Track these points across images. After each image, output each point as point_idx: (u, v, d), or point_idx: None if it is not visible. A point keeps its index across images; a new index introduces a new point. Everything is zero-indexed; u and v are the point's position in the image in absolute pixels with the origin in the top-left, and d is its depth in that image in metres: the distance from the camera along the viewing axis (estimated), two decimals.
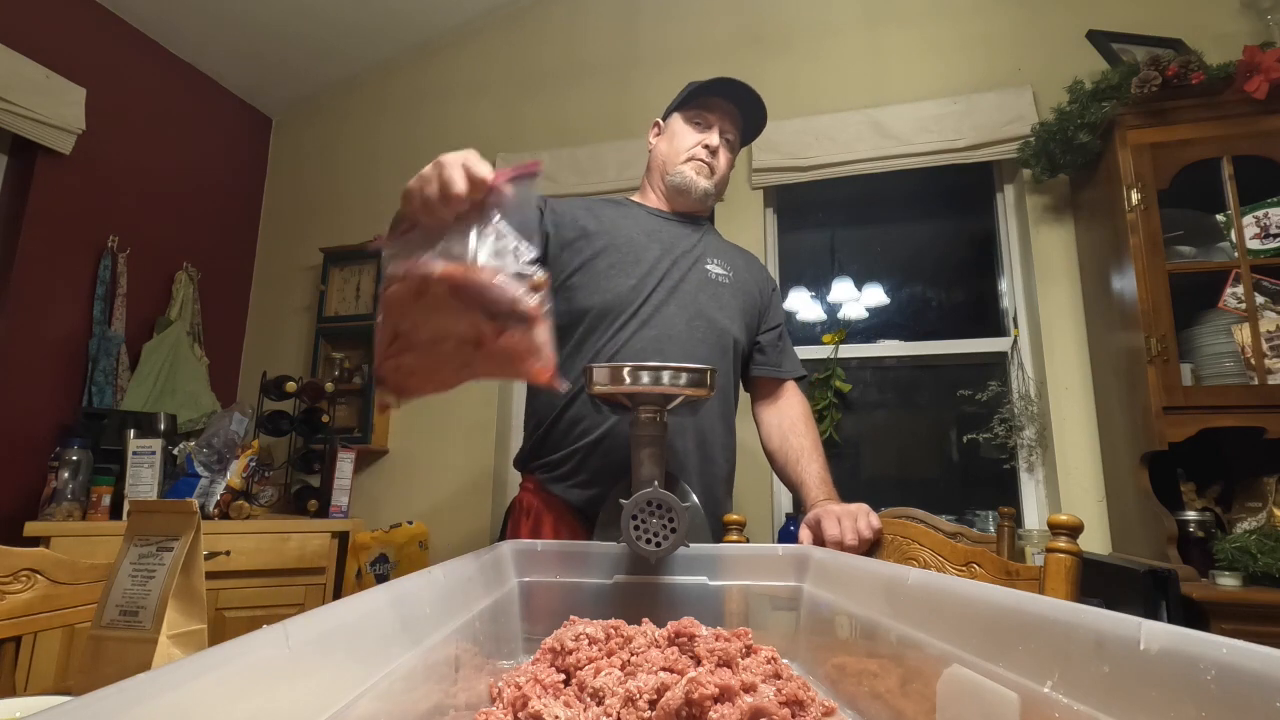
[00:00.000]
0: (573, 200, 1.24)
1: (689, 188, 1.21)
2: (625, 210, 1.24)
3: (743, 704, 0.43)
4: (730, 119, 1.25)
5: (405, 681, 0.39)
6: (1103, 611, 0.31)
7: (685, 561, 0.74)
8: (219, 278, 2.84)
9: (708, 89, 1.22)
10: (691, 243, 1.22)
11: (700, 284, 1.18)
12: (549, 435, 1.12)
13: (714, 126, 1.23)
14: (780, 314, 1.34)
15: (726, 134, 1.25)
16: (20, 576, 0.86)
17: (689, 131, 1.23)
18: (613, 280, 1.13)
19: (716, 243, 1.29)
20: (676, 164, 1.22)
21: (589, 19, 2.80)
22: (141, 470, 2.00)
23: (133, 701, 0.21)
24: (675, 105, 1.26)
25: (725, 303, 1.20)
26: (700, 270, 1.19)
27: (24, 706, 0.51)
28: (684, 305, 1.14)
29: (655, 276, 1.15)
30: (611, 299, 1.11)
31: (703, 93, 1.22)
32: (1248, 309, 1.64)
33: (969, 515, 2.10)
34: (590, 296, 1.12)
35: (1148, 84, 1.73)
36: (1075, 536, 0.89)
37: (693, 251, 1.21)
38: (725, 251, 1.28)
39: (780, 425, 1.25)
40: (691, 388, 0.77)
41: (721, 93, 1.23)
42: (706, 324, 1.15)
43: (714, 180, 1.23)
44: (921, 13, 2.43)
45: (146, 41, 2.62)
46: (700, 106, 1.23)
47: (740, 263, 1.29)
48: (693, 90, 1.23)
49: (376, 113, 3.03)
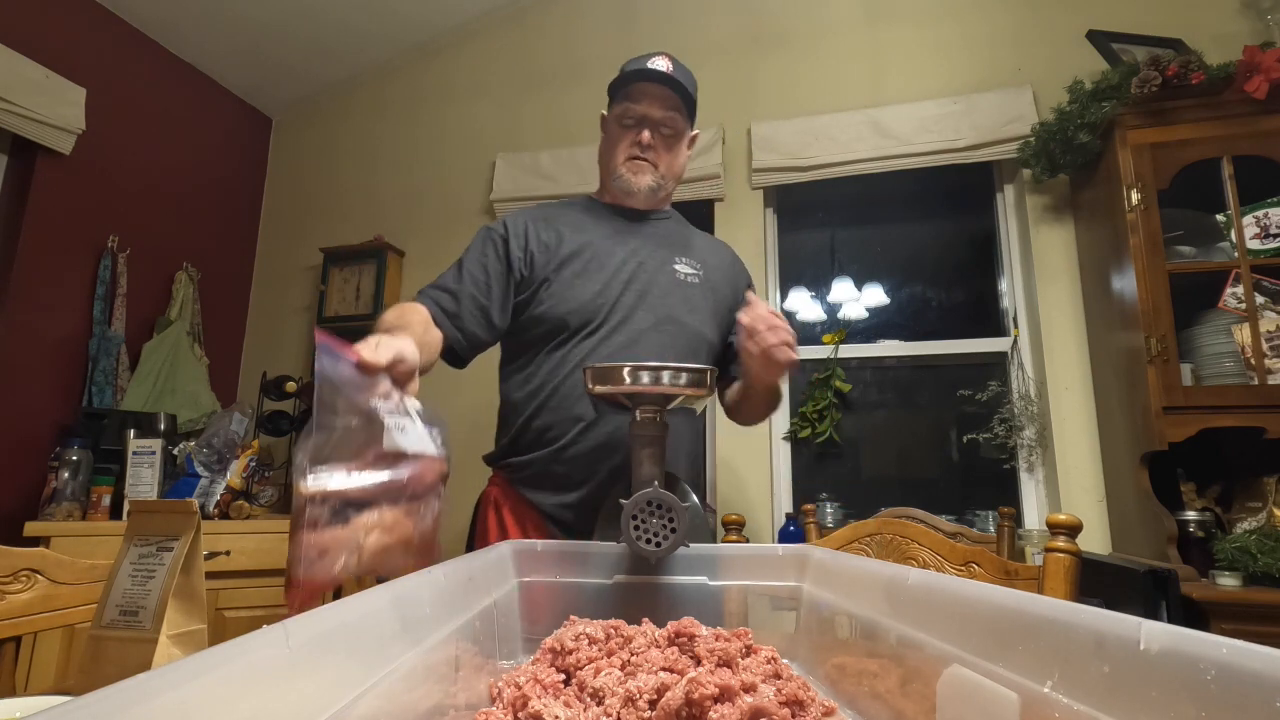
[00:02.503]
0: (532, 212, 1.21)
1: (631, 189, 1.18)
2: (589, 212, 1.22)
3: (743, 704, 0.43)
4: (663, 102, 1.15)
5: (405, 681, 0.39)
6: (1103, 611, 0.31)
7: (685, 561, 0.74)
8: (219, 278, 2.84)
9: (628, 80, 1.15)
10: (659, 242, 1.20)
11: (669, 286, 1.15)
12: (518, 440, 1.11)
13: (646, 119, 1.16)
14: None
15: (662, 122, 1.16)
16: (20, 576, 0.86)
17: (621, 131, 1.18)
18: (579, 289, 1.10)
19: (685, 237, 1.25)
20: (615, 167, 1.18)
21: (589, 19, 2.80)
22: (141, 470, 2.00)
23: (133, 701, 0.21)
24: (610, 98, 1.19)
25: (696, 304, 1.17)
26: (668, 271, 1.17)
27: (24, 706, 0.51)
28: (652, 309, 1.12)
29: (621, 281, 1.12)
30: (577, 307, 1.09)
31: (623, 85, 1.15)
32: (1248, 309, 1.64)
33: (969, 515, 2.10)
34: (557, 306, 1.10)
35: (1148, 84, 1.73)
36: (1074, 536, 0.89)
37: (660, 252, 1.18)
38: (696, 248, 1.24)
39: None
40: (691, 388, 0.77)
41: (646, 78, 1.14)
42: (676, 327, 1.13)
43: (658, 174, 1.18)
44: (921, 12, 2.43)
45: (146, 41, 2.62)
46: (626, 99, 1.16)
47: (712, 260, 1.24)
48: (612, 86, 1.17)
49: (376, 113, 3.03)
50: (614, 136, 1.19)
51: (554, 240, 1.15)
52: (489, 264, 1.12)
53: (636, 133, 1.16)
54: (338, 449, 0.58)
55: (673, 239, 1.22)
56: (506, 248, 1.14)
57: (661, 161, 1.19)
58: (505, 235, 1.15)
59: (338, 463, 0.57)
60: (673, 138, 1.19)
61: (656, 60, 1.14)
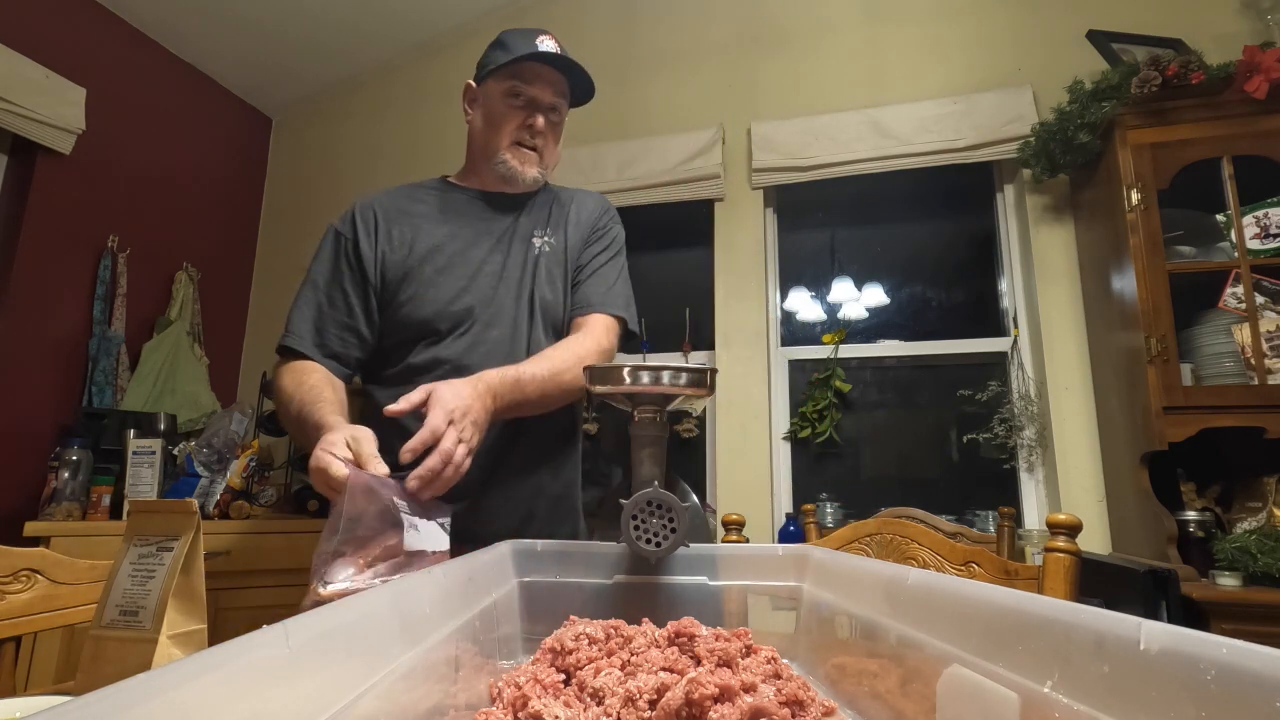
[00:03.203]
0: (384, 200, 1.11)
1: (515, 178, 1.09)
2: (447, 199, 1.13)
3: (743, 704, 0.43)
4: (555, 87, 1.08)
5: (405, 681, 0.39)
6: (1103, 611, 0.31)
7: (685, 561, 0.74)
8: (219, 278, 2.84)
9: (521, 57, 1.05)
10: (523, 221, 1.12)
11: (525, 264, 1.08)
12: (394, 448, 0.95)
13: (537, 103, 1.07)
14: (603, 246, 1.16)
15: (552, 108, 1.09)
16: (20, 576, 0.86)
17: (508, 111, 1.07)
18: (441, 288, 1.04)
19: (545, 205, 1.15)
20: (499, 150, 1.08)
21: (589, 19, 2.80)
22: (141, 470, 2.00)
23: (133, 701, 0.21)
24: (489, 70, 1.08)
25: (553, 274, 1.09)
26: (527, 248, 1.09)
27: (24, 706, 0.51)
28: (515, 295, 1.06)
29: (488, 272, 1.06)
30: (442, 308, 1.03)
31: (515, 61, 1.05)
32: (1248, 309, 1.64)
33: (969, 515, 2.10)
34: (420, 309, 1.03)
35: (1148, 84, 1.73)
36: (1074, 536, 0.89)
37: (520, 230, 1.11)
38: (553, 215, 1.15)
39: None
40: (691, 388, 0.77)
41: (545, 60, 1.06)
42: (538, 306, 1.07)
43: (542, 165, 1.11)
44: (921, 12, 2.43)
45: (146, 41, 2.62)
46: (517, 76, 1.06)
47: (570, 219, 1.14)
48: (494, 58, 1.07)
49: (377, 113, 3.03)
50: (497, 114, 1.08)
51: (410, 234, 1.07)
52: (344, 280, 1.05)
53: (527, 116, 1.07)
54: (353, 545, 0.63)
55: (535, 211, 1.14)
56: (357, 250, 1.06)
57: (547, 152, 1.11)
58: (354, 236, 1.07)
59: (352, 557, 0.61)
60: (559, 123, 1.12)
61: (545, 40, 1.06)
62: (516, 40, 1.07)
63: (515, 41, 1.07)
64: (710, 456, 2.43)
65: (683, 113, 2.58)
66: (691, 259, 2.60)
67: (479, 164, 1.13)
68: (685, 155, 2.49)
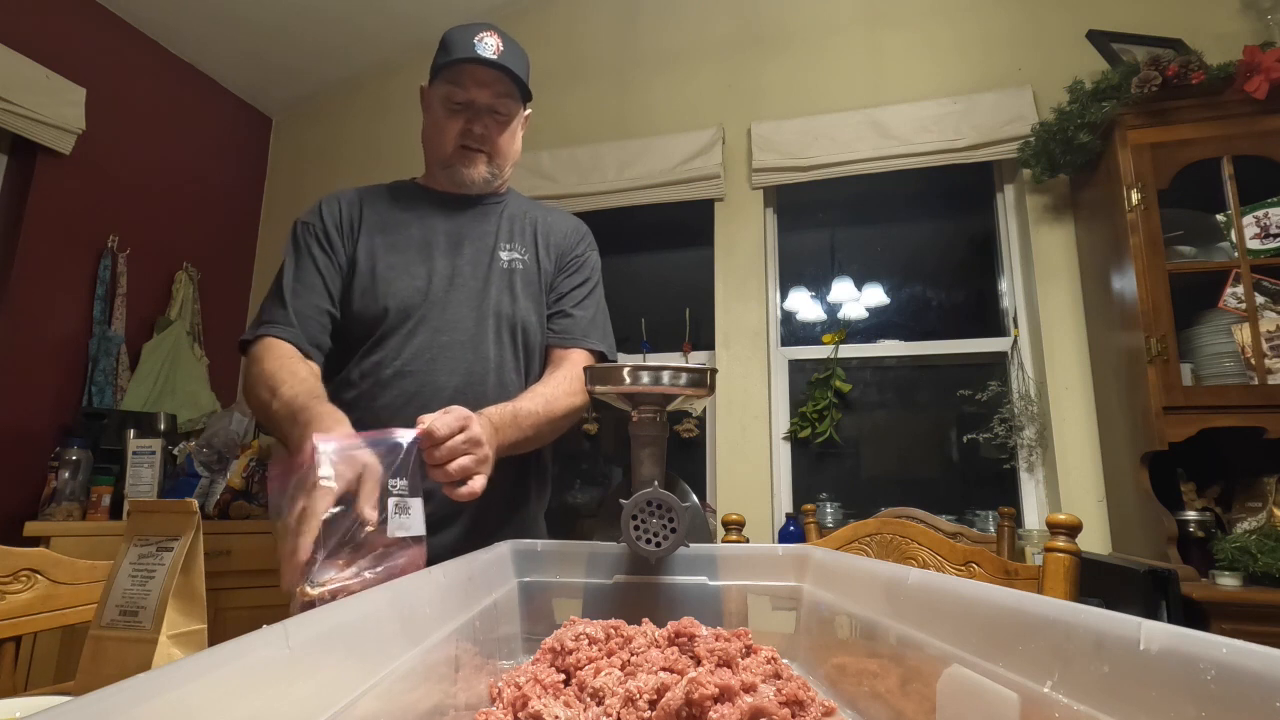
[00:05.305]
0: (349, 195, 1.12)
1: (465, 181, 1.10)
2: (410, 198, 1.13)
3: (743, 704, 0.43)
4: (492, 87, 1.05)
5: (405, 681, 0.39)
6: (1102, 611, 0.31)
7: (685, 561, 0.74)
8: (219, 278, 2.84)
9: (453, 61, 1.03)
10: (484, 228, 1.12)
11: (490, 276, 1.08)
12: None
13: (474, 105, 1.06)
14: (582, 276, 1.16)
15: (493, 107, 1.07)
16: (20, 576, 0.86)
17: (446, 118, 1.07)
18: (395, 285, 1.03)
19: (512, 218, 1.15)
20: (445, 156, 1.09)
21: (589, 19, 2.80)
22: (141, 470, 2.00)
23: (133, 701, 0.21)
24: (433, 73, 1.08)
25: (518, 292, 1.09)
26: (491, 259, 1.09)
27: (24, 706, 0.51)
28: (474, 304, 1.05)
29: (443, 275, 1.06)
30: (396, 305, 1.02)
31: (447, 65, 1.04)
32: (1248, 309, 1.64)
33: (969, 515, 2.10)
34: (372, 304, 1.03)
35: (1148, 84, 1.73)
36: (1074, 536, 0.89)
37: (485, 239, 1.10)
38: (522, 230, 1.14)
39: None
40: (691, 388, 0.77)
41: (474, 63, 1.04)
42: (498, 320, 1.06)
43: (493, 164, 1.10)
44: (921, 13, 2.43)
45: (146, 41, 2.62)
46: (454, 81, 1.05)
47: (541, 240, 1.14)
48: (439, 66, 1.06)
49: (376, 113, 3.03)
50: (439, 120, 1.08)
51: (370, 231, 1.08)
52: (320, 264, 1.06)
53: (465, 120, 1.07)
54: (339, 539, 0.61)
55: (502, 221, 1.13)
56: (327, 238, 1.07)
57: (495, 149, 1.10)
58: (323, 225, 1.08)
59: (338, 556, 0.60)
60: (505, 121, 1.10)
61: (485, 38, 1.04)
62: (456, 41, 1.05)
63: (455, 42, 1.05)
64: (710, 456, 2.43)
65: (683, 113, 2.58)
66: (692, 259, 2.60)
67: (432, 168, 1.14)
68: (685, 155, 2.49)
